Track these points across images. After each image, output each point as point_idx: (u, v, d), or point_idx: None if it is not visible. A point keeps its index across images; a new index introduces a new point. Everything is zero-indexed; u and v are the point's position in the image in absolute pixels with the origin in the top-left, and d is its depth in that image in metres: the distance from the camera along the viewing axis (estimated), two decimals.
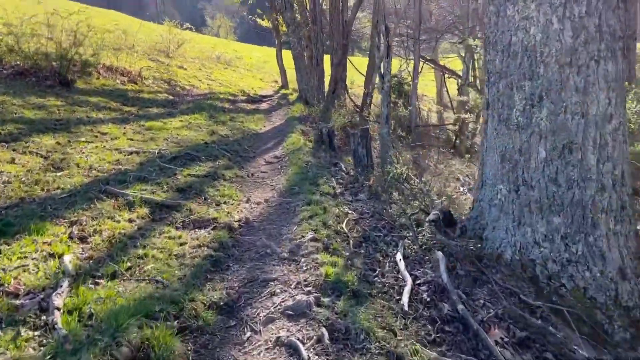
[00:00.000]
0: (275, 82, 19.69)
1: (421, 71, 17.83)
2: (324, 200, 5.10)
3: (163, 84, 11.72)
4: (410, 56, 17.88)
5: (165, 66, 14.06)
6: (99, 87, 9.00)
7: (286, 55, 17.89)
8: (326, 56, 14.93)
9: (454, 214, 4.86)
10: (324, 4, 15.47)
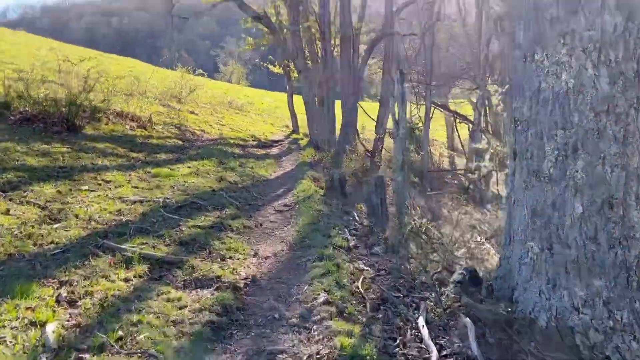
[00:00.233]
0: (286, 126, 19.68)
1: (432, 116, 17.76)
2: (337, 254, 4.74)
3: (173, 129, 11.64)
4: (421, 101, 17.87)
5: (176, 111, 14.08)
6: (108, 133, 8.89)
7: (297, 100, 17.96)
8: (337, 101, 14.91)
9: (479, 273, 4.46)
10: (335, 50, 15.60)
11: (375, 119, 15.96)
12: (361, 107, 16.10)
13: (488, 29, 17.42)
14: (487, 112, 17.38)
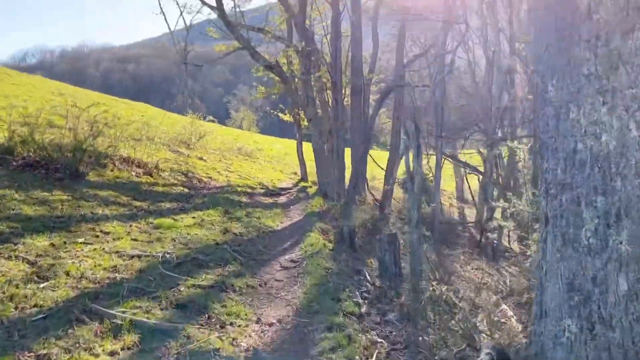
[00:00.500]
0: (295, 174, 19.50)
1: (442, 166, 17.51)
2: (348, 323, 4.31)
3: (180, 176, 11.42)
4: (431, 151, 17.68)
5: (184, 157, 13.94)
6: (112, 180, 8.65)
7: (306, 147, 17.85)
8: (347, 149, 14.76)
9: (508, 354, 3.99)
10: (345, 100, 15.62)
11: (385, 168, 15.74)
12: (370, 156, 15.92)
13: (499, 81, 17.48)
14: (498, 164, 17.14)
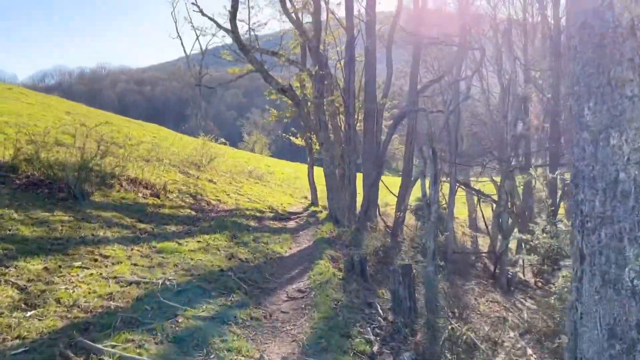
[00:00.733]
0: (305, 198, 19.21)
1: (456, 194, 17.14)
2: None
3: (188, 198, 11.18)
4: (443, 178, 17.31)
5: (194, 179, 13.74)
6: (117, 201, 8.42)
7: (317, 172, 17.62)
8: (358, 174, 14.48)
9: None
10: (357, 125, 15.42)
11: (397, 195, 15.39)
12: (382, 182, 15.60)
13: (514, 109, 17.20)
14: (513, 193, 16.71)
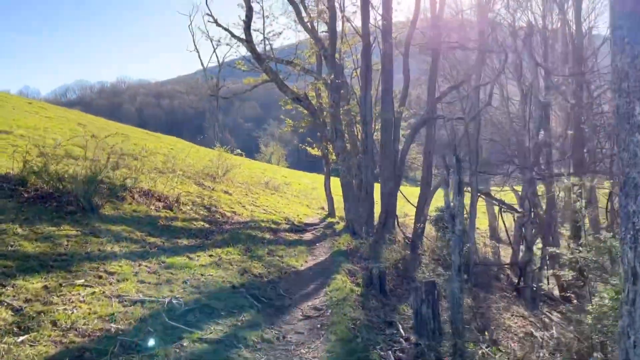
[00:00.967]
0: (322, 209, 18.88)
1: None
2: None
3: (202, 211, 10.93)
4: (465, 188, 16.79)
5: (209, 191, 13.52)
6: (128, 214, 8.19)
7: (334, 182, 17.31)
8: (375, 184, 14.11)
9: None
10: (374, 134, 15.07)
11: (416, 205, 14.93)
12: (401, 192, 15.18)
13: (536, 116, 16.67)
14: (536, 203, 16.13)
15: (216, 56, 31.00)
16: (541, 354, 8.40)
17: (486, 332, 5.92)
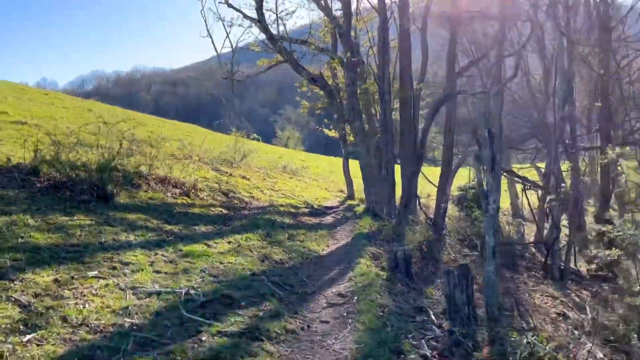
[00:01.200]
0: (341, 191, 18.56)
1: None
2: None
3: (220, 196, 10.68)
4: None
5: (227, 176, 13.29)
6: (144, 202, 7.97)
7: (353, 164, 16.95)
8: (396, 165, 13.70)
9: None
10: (393, 114, 14.56)
11: (437, 185, 14.46)
12: (422, 172, 14.72)
13: (561, 89, 15.93)
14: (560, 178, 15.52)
15: (229, 41, 30.54)
16: (576, 332, 7.95)
17: (531, 319, 5.54)
